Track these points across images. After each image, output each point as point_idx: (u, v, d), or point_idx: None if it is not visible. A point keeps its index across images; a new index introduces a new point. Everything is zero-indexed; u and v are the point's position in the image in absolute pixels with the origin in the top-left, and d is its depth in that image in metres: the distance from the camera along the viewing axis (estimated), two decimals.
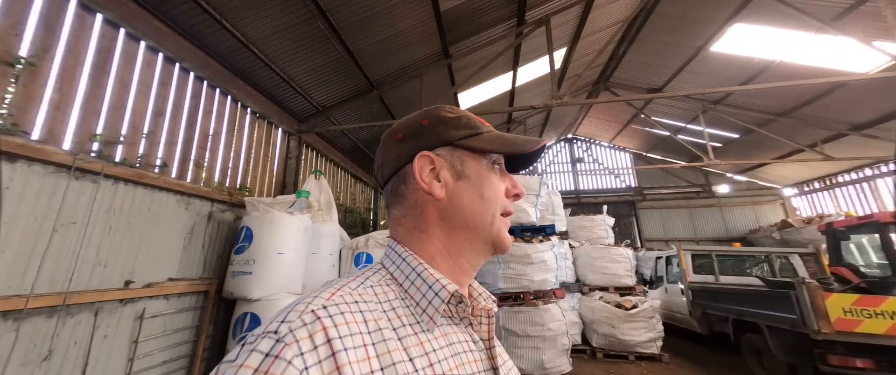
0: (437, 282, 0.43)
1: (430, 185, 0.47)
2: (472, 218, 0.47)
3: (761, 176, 11.71)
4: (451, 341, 0.43)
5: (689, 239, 11.87)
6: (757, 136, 8.49)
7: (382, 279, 0.45)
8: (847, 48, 5.21)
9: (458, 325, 0.45)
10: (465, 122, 0.50)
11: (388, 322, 0.39)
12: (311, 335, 0.33)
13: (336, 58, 4.24)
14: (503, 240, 0.48)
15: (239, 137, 3.94)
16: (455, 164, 0.48)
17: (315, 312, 0.35)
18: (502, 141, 0.49)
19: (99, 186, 2.36)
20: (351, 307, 0.37)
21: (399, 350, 0.37)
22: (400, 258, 0.46)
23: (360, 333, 0.36)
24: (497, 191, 0.49)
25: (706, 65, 7.10)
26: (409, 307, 0.42)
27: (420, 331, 0.41)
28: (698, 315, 5.13)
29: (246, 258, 3.11)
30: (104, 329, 2.39)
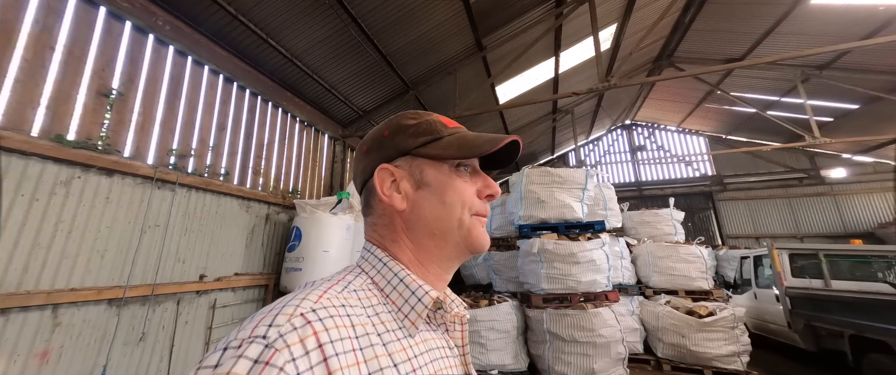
0: (421, 288, 0.43)
1: (390, 198, 0.48)
2: (436, 226, 0.47)
3: (892, 155, 9.21)
4: (430, 346, 0.44)
5: (790, 236, 9.88)
6: (884, 105, 6.69)
7: (364, 283, 0.44)
8: None
9: (435, 331, 0.47)
10: (423, 129, 0.49)
11: (373, 327, 0.39)
12: (303, 339, 0.32)
13: (371, 62, 4.39)
14: (475, 241, 0.47)
15: (290, 145, 4.31)
16: (414, 174, 0.48)
17: (305, 316, 0.34)
18: (458, 144, 0.48)
19: (175, 194, 2.76)
20: (339, 311, 0.37)
21: (385, 356, 0.37)
22: (380, 262, 0.46)
23: (349, 338, 0.36)
24: (462, 195, 0.48)
25: (805, 24, 5.78)
26: (392, 313, 0.43)
27: (403, 337, 0.41)
28: (801, 328, 4.22)
29: (297, 255, 3.39)
30: (185, 316, 2.80)
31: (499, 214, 4.85)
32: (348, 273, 0.46)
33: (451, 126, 0.51)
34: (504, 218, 4.74)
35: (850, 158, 9.99)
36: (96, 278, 2.24)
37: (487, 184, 0.51)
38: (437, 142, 0.48)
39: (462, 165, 0.49)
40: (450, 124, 0.51)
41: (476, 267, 5.86)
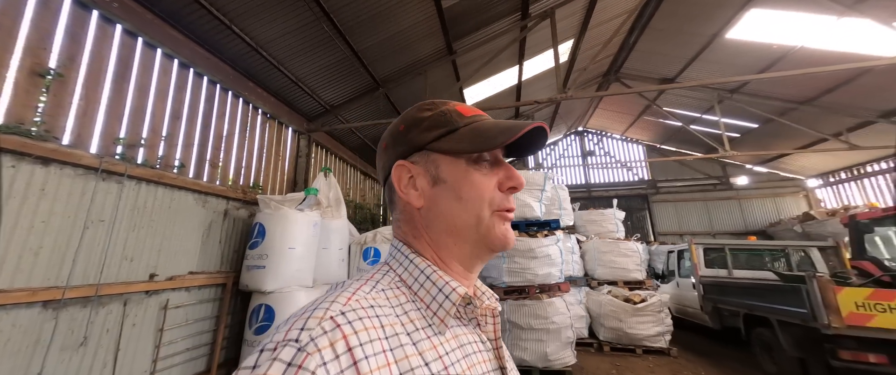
0: (448, 285, 0.43)
1: (407, 195, 0.47)
2: (453, 223, 0.45)
3: (782, 166, 11.25)
4: (461, 342, 0.43)
5: (705, 233, 11.56)
6: (777, 126, 8.17)
7: (392, 282, 0.44)
8: (872, 31, 4.94)
9: (466, 326, 0.45)
10: (438, 121, 0.47)
11: (402, 327, 0.39)
12: (333, 343, 0.32)
13: (342, 58, 4.34)
14: (496, 239, 0.45)
15: (251, 137, 4.11)
16: (430, 169, 0.47)
17: (334, 318, 0.34)
18: (472, 137, 0.45)
19: (123, 186, 2.54)
20: (368, 312, 0.37)
21: (415, 355, 0.37)
22: (407, 260, 0.46)
23: (378, 339, 0.35)
24: (480, 190, 0.45)
25: (721, 54, 6.85)
26: (421, 310, 0.42)
27: (433, 335, 0.40)
28: (709, 310, 5.05)
29: (259, 252, 3.28)
30: (133, 318, 2.59)
31: None
32: (376, 271, 0.46)
33: (468, 115, 0.48)
34: None
35: (751, 168, 11.97)
36: (28, 278, 2.02)
37: (509, 176, 0.47)
38: (452, 135, 0.46)
39: (480, 157, 0.47)
40: (467, 112, 0.49)
41: None
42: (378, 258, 4.20)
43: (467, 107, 0.50)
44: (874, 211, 4.67)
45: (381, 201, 8.29)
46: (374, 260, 4.21)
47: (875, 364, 2.79)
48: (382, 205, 8.19)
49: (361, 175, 7.27)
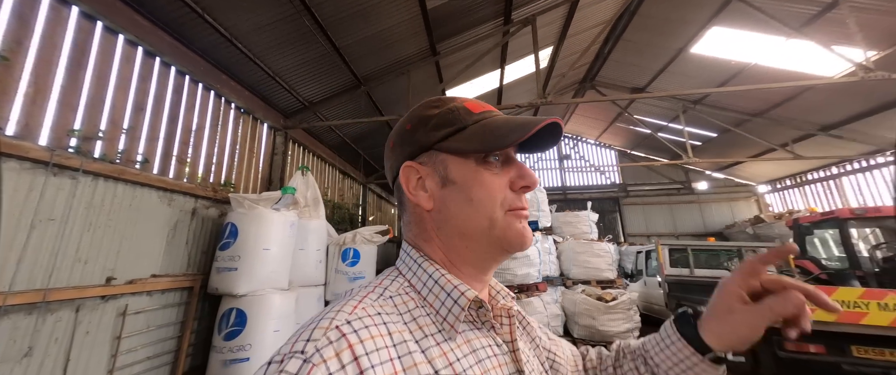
0: (456, 289, 0.41)
1: (416, 197, 0.45)
2: (465, 226, 0.44)
3: (737, 173, 12.21)
4: (474, 347, 0.41)
5: (670, 234, 12.30)
6: (733, 136, 8.85)
7: (401, 287, 0.43)
8: (814, 53, 5.48)
9: (480, 329, 0.44)
10: (445, 119, 0.45)
11: (411, 334, 0.38)
12: (339, 353, 0.32)
13: (322, 54, 4.23)
14: (511, 241, 0.44)
15: (223, 133, 3.91)
16: (439, 170, 0.45)
17: (339, 328, 0.34)
18: (481, 135, 0.44)
19: (78, 182, 2.34)
20: (375, 320, 0.36)
21: (425, 362, 0.36)
22: (416, 264, 0.45)
23: (385, 347, 0.35)
24: (490, 190, 0.44)
25: (686, 67, 7.34)
26: (430, 315, 0.41)
27: (443, 341, 0.39)
28: (674, 307, 5.38)
29: (231, 254, 3.12)
30: (86, 325, 2.39)
31: None
32: (386, 277, 0.45)
33: (477, 111, 0.46)
34: None
35: (710, 174, 12.88)
36: None
37: (522, 174, 0.45)
38: (460, 134, 0.45)
39: (491, 156, 0.45)
40: (476, 109, 0.47)
41: None
42: (357, 259, 4.12)
43: (476, 103, 0.48)
44: (813, 215, 5.19)
45: (360, 201, 8.14)
46: (354, 262, 4.14)
47: (814, 353, 3.09)
48: (361, 205, 8.05)
49: (340, 174, 7.11)
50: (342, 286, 4.05)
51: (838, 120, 7.21)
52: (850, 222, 4.97)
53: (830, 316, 3.07)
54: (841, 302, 3.13)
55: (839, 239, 4.98)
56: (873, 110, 6.52)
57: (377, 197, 9.57)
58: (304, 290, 3.67)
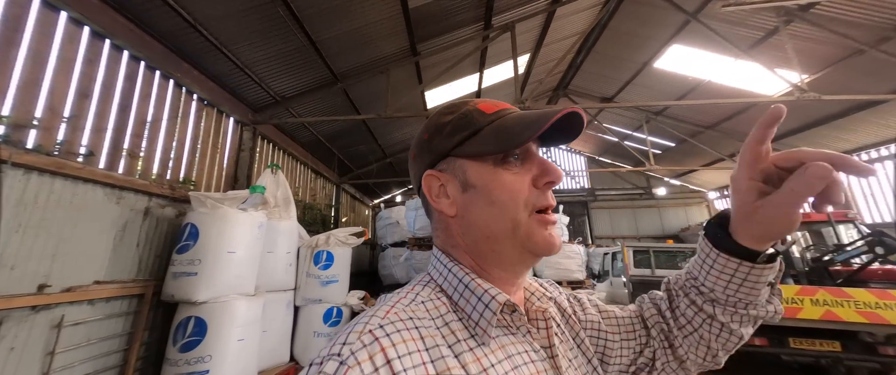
0: (487, 293, 0.41)
1: (439, 204, 0.46)
2: (488, 230, 0.43)
3: (691, 180, 13.25)
4: (509, 353, 0.40)
5: (633, 237, 13.08)
6: (689, 145, 9.59)
7: (433, 292, 0.43)
8: (759, 74, 6.09)
9: (514, 335, 0.43)
10: (459, 124, 0.45)
11: (443, 339, 0.38)
12: (372, 356, 0.33)
13: (297, 47, 4.04)
14: (537, 243, 0.42)
15: (183, 126, 3.60)
16: (458, 176, 0.45)
17: (373, 332, 0.35)
18: (495, 136, 0.43)
19: (5, 176, 2.04)
20: (407, 324, 0.37)
21: (457, 367, 0.36)
22: (446, 269, 0.45)
23: (418, 351, 0.35)
24: (512, 191, 0.42)
25: (650, 80, 7.86)
26: (462, 320, 0.41)
27: (476, 346, 0.39)
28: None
29: (190, 257, 2.87)
30: (10, 340, 2.08)
31: (422, 215, 5.06)
32: (418, 282, 0.45)
33: (491, 111, 0.45)
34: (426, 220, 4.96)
35: (668, 181, 13.88)
36: None
37: (544, 170, 0.44)
38: (475, 138, 0.44)
39: (509, 155, 0.44)
40: (490, 109, 0.46)
41: (396, 267, 5.94)
42: (331, 262, 3.96)
43: (490, 103, 0.47)
44: None
45: (333, 201, 7.87)
46: (327, 265, 3.97)
47: (758, 346, 3.41)
48: (334, 206, 7.79)
49: (313, 173, 6.83)
50: (314, 290, 3.87)
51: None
52: None
53: None
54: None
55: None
56: (805, 126, 7.36)
57: (351, 197, 9.31)
58: (273, 295, 3.47)
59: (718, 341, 0.51)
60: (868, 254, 4.42)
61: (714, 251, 0.47)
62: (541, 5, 5.39)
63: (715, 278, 0.47)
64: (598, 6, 6.10)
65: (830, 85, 5.68)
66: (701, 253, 0.49)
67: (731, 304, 0.48)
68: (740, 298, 0.47)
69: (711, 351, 0.52)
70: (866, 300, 3.27)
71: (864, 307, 3.24)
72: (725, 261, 0.45)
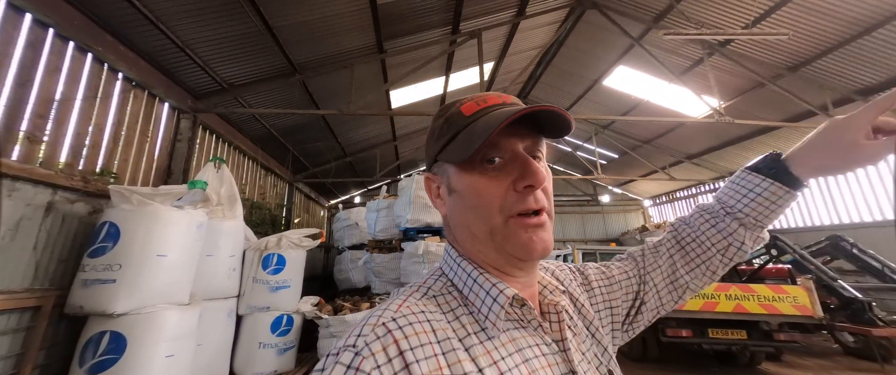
0: (495, 287, 0.41)
1: (436, 205, 0.49)
2: (470, 232, 0.44)
3: (630, 189, 14.72)
4: (519, 346, 0.40)
5: (581, 240, 14.11)
6: (629, 157, 10.64)
7: (444, 286, 0.44)
8: (687, 97, 6.97)
9: (525, 328, 0.43)
10: (443, 129, 0.45)
11: (454, 332, 0.38)
12: (385, 347, 0.34)
13: (251, 31, 3.70)
14: (515, 248, 0.41)
15: (103, 109, 3.09)
16: (445, 179, 0.46)
17: (386, 324, 0.36)
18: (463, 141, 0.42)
19: None
20: (418, 317, 0.38)
21: (468, 359, 0.37)
22: (456, 264, 0.45)
23: (429, 343, 0.36)
24: (486, 197, 0.41)
25: (599, 96, 8.59)
26: (473, 314, 0.41)
27: (486, 339, 0.39)
28: None
29: (108, 262, 2.45)
30: None
31: (384, 217, 4.93)
32: (430, 276, 0.47)
33: (470, 113, 0.43)
34: (389, 221, 4.85)
35: (612, 189, 15.25)
36: None
37: (523, 174, 0.41)
38: (453, 142, 0.43)
39: (487, 159, 0.42)
40: (470, 110, 0.44)
41: (353, 271, 5.70)
42: (282, 266, 3.67)
43: (473, 103, 0.45)
44: None
45: (285, 201, 7.34)
46: (277, 269, 3.66)
47: (686, 337, 3.86)
48: (286, 206, 7.26)
49: (263, 170, 6.30)
50: (261, 297, 3.54)
51: (699, 151, 9.29)
52: None
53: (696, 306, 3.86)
54: (701, 294, 3.98)
55: None
56: (721, 145, 8.59)
57: (305, 197, 8.75)
58: (212, 304, 3.11)
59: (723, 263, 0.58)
60: (765, 255, 5.27)
61: (766, 180, 0.54)
62: (506, 17, 5.61)
63: (757, 204, 0.54)
64: (557, 24, 6.52)
65: (741, 111, 6.70)
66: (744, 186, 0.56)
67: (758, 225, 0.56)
68: (768, 218, 0.55)
69: (712, 273, 0.59)
70: (765, 294, 3.88)
71: (765, 300, 3.84)
72: (776, 189, 0.53)
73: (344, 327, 3.49)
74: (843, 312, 4.49)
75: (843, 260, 5.39)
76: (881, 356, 4.09)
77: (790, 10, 4.74)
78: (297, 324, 3.66)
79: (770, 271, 5.23)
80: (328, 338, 3.56)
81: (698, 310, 3.88)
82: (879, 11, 4.45)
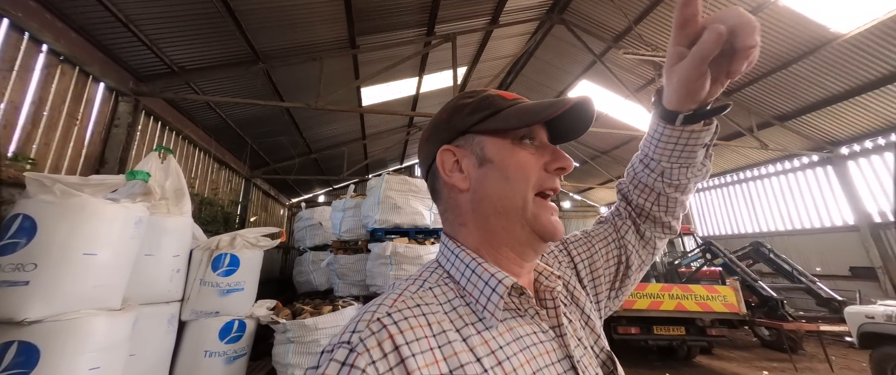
0: (493, 277, 0.41)
1: (452, 178, 0.47)
2: (501, 204, 0.44)
3: (589, 196, 15.69)
4: (517, 335, 0.41)
5: None
6: (589, 166, 11.36)
7: (440, 278, 0.44)
8: (641, 112, 7.60)
9: (523, 317, 0.43)
10: (482, 104, 0.47)
11: (451, 323, 0.38)
12: (380, 343, 0.34)
13: (208, 11, 3.42)
14: (544, 226, 0.43)
15: (20, 84, 2.67)
16: (476, 151, 0.46)
17: (381, 320, 0.36)
18: (519, 114, 0.45)
19: None
20: (414, 311, 0.38)
21: (465, 350, 0.37)
22: (453, 255, 0.45)
23: (425, 337, 0.36)
24: (526, 169, 0.44)
25: None
26: (470, 305, 0.41)
27: (483, 329, 0.39)
28: None
29: (19, 261, 2.11)
30: None
31: (350, 217, 4.77)
32: (425, 268, 0.46)
33: (510, 98, 0.48)
34: (355, 221, 4.70)
35: (573, 196, 16.14)
36: None
37: (556, 157, 0.46)
38: (497, 116, 0.46)
39: (526, 138, 0.46)
40: (509, 97, 0.48)
41: (315, 273, 5.44)
42: (235, 266, 3.40)
43: (508, 93, 0.50)
44: None
45: (241, 198, 6.83)
46: (229, 271, 3.39)
47: (635, 334, 4.18)
48: (242, 204, 6.76)
49: (217, 163, 5.81)
50: (209, 301, 3.25)
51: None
52: None
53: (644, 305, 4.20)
54: (648, 294, 4.34)
55: None
56: None
57: (264, 194, 8.21)
58: (149, 309, 2.80)
59: (668, 213, 0.58)
60: (701, 259, 5.88)
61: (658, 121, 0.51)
62: (480, 24, 5.74)
63: (661, 148, 0.52)
64: (528, 35, 6.79)
65: None
66: (649, 129, 0.54)
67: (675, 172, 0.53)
68: (682, 162, 0.52)
69: (665, 224, 0.59)
70: (701, 293, 4.33)
71: (700, 299, 4.28)
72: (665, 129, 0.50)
73: (303, 332, 3.31)
74: (762, 309, 5.14)
75: (762, 263, 6.18)
76: (790, 347, 4.73)
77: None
78: (250, 330, 3.41)
79: (705, 273, 5.85)
80: (285, 344, 3.35)
81: (646, 309, 4.23)
82: (795, 49, 5.20)
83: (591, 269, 0.58)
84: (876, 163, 6.61)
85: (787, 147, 7.14)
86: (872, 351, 3.54)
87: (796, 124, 6.65)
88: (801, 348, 5.33)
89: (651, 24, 5.71)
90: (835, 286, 6.12)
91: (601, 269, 0.59)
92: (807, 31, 4.89)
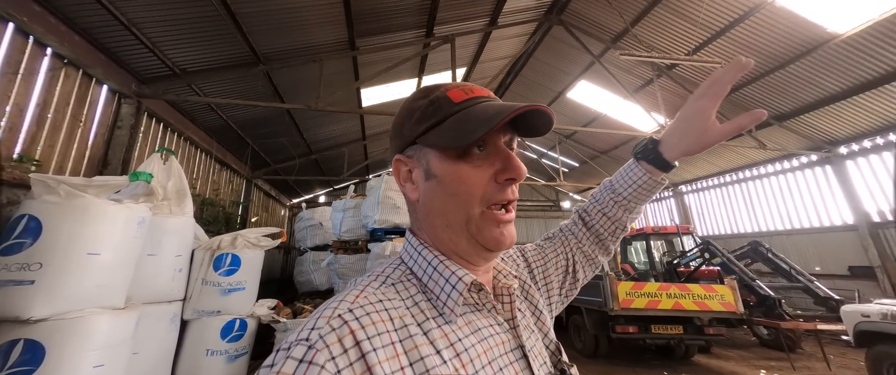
0: (454, 275, 0.42)
1: (405, 189, 0.47)
2: (446, 219, 0.44)
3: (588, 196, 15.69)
4: (475, 328, 0.42)
5: None
6: (588, 166, 11.36)
7: (403, 274, 0.45)
8: (639, 113, 7.62)
9: (480, 311, 0.45)
10: (427, 112, 0.44)
11: (412, 318, 0.39)
12: (341, 339, 0.34)
13: (211, 14, 3.46)
14: (487, 240, 0.43)
15: (25, 87, 2.72)
16: (422, 163, 0.45)
17: (342, 316, 0.36)
18: (455, 129, 0.42)
19: None
20: (376, 306, 0.38)
21: (426, 344, 0.38)
22: (416, 252, 0.46)
23: (386, 332, 0.36)
24: (469, 185, 0.43)
25: (564, 107, 9.10)
26: (431, 300, 0.42)
27: (444, 323, 0.40)
28: None
29: (24, 260, 2.15)
30: None
31: (350, 217, 4.81)
32: (389, 265, 0.47)
33: (459, 100, 0.44)
34: (355, 222, 4.74)
35: (572, 195, 16.15)
36: None
37: (506, 166, 0.43)
38: (439, 127, 0.43)
39: (479, 144, 0.43)
40: (459, 97, 0.45)
41: (316, 272, 5.48)
42: (236, 266, 3.44)
43: (462, 90, 0.46)
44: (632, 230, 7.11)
45: (242, 198, 6.88)
46: (231, 270, 3.43)
47: (633, 333, 4.19)
48: (244, 204, 6.80)
49: (218, 164, 5.86)
50: (211, 300, 3.29)
51: None
52: (652, 236, 7.00)
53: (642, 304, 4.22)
54: (646, 293, 4.36)
55: (644, 248, 6.94)
56: None
57: (265, 194, 8.26)
58: (152, 308, 2.84)
59: (613, 239, 0.69)
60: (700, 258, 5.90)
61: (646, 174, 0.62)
62: (479, 25, 5.77)
63: (638, 191, 0.64)
64: (526, 36, 6.83)
65: None
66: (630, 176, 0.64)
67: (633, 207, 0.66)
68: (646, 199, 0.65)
69: (607, 248, 0.70)
70: (699, 292, 4.35)
71: (698, 298, 4.30)
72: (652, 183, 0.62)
73: None
74: (760, 308, 5.15)
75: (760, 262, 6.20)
76: (787, 346, 4.74)
77: (723, 42, 5.41)
78: (252, 329, 3.45)
79: (703, 272, 5.87)
80: None
81: (643, 308, 4.25)
82: (793, 49, 5.23)
83: (544, 276, 0.65)
84: (874, 162, 6.63)
85: (786, 146, 7.16)
86: (868, 350, 3.56)
87: (795, 124, 6.67)
88: (798, 347, 5.34)
89: (647, 25, 5.75)
90: (834, 285, 6.14)
91: (553, 277, 0.66)
92: (804, 32, 4.91)
